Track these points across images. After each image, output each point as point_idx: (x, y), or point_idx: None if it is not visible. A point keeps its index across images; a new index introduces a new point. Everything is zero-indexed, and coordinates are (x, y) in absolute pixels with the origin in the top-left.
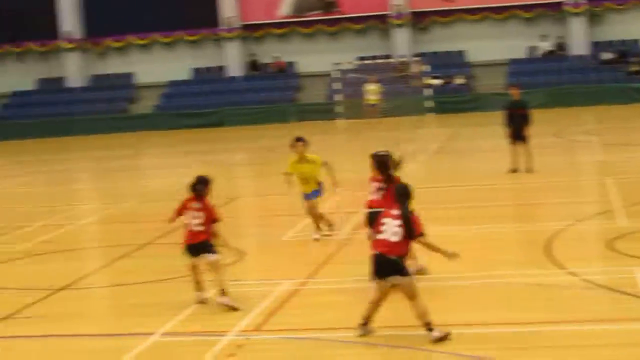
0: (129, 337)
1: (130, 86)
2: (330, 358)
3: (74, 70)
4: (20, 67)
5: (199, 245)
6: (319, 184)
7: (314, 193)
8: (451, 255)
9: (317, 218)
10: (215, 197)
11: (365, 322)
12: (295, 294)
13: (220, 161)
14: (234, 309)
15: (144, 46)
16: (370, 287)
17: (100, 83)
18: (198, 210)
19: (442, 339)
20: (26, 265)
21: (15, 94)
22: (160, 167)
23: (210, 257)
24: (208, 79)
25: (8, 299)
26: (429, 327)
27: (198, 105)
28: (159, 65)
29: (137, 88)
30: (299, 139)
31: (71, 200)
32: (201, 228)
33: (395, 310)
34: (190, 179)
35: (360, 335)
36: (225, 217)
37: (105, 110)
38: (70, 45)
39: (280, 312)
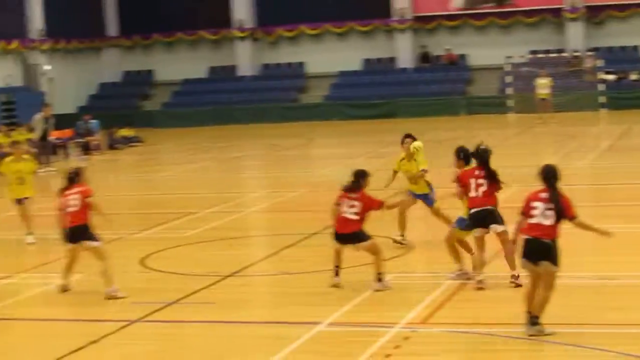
0: (295, 325)
1: (301, 76)
2: (496, 354)
3: (245, 58)
4: (192, 55)
5: (350, 236)
6: (429, 185)
7: (429, 199)
8: (606, 234)
9: (443, 219)
10: (384, 188)
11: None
12: (463, 287)
13: (390, 153)
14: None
15: (315, 36)
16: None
17: (271, 72)
18: (355, 199)
19: (539, 335)
20: (195, 252)
21: (186, 82)
22: (330, 157)
23: (361, 245)
24: (378, 69)
25: (176, 284)
26: (537, 319)
27: (368, 96)
28: (329, 56)
29: (307, 78)
30: (408, 136)
31: (241, 188)
32: (355, 217)
33: (567, 308)
34: (360, 168)
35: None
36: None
37: (276, 99)
38: (242, 34)
39: (448, 305)
